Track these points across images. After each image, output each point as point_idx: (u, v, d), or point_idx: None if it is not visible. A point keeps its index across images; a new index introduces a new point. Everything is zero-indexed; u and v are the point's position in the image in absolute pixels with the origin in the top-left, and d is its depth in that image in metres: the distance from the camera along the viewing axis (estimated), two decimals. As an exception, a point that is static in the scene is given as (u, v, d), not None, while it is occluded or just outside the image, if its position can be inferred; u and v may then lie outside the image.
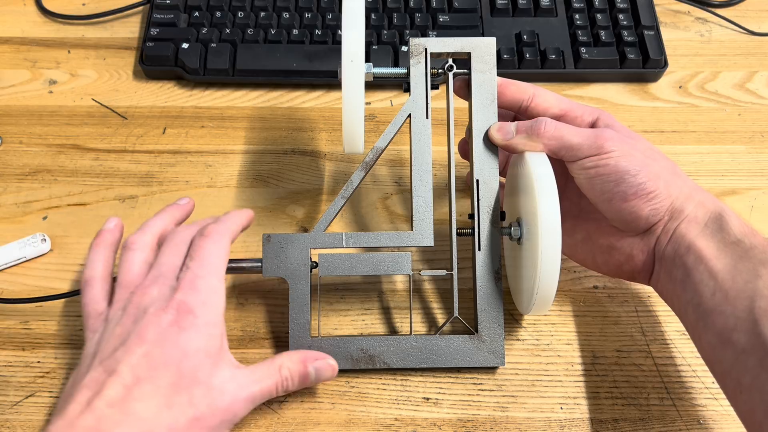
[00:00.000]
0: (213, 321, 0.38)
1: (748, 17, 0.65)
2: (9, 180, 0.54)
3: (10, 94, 0.59)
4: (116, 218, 0.44)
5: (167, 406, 0.35)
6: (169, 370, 0.35)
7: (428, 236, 0.43)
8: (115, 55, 0.61)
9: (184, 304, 0.37)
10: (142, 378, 0.35)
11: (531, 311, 0.42)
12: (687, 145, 0.56)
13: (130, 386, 0.34)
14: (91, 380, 0.35)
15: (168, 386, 0.35)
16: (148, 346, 0.36)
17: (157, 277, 0.39)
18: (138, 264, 0.40)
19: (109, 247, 0.42)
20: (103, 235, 0.43)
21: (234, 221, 0.43)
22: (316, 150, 0.56)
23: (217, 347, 0.38)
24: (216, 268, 0.39)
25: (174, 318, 0.37)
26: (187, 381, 0.36)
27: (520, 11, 0.62)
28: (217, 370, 0.37)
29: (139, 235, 0.42)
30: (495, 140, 0.43)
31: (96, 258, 0.42)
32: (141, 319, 0.37)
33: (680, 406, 0.44)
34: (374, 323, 0.47)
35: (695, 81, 0.61)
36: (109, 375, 0.35)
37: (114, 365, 0.35)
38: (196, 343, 0.37)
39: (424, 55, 0.44)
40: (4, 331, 0.46)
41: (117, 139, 0.56)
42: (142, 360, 0.35)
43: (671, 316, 0.47)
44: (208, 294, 0.38)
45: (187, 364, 0.36)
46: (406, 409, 0.44)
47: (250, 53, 0.59)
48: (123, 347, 0.36)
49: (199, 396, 0.36)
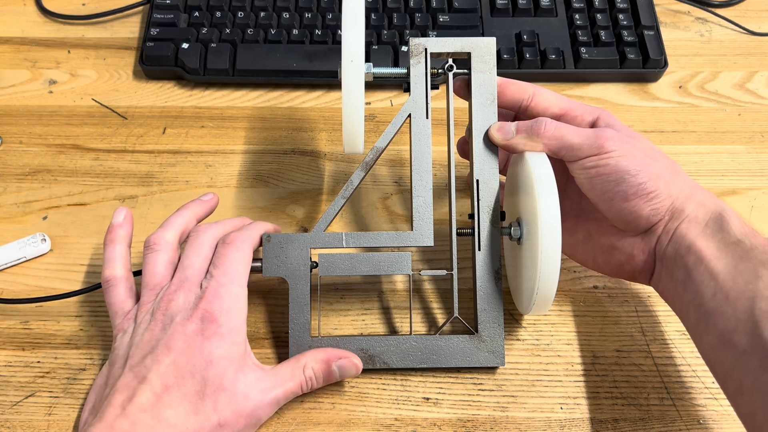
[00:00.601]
0: (236, 328, 0.39)
1: (748, 17, 0.65)
2: (9, 180, 0.54)
3: (10, 94, 0.59)
4: (124, 209, 0.44)
5: (194, 413, 0.37)
6: (194, 378, 0.37)
7: (428, 236, 0.43)
8: (115, 55, 0.61)
9: (208, 313, 0.39)
10: (170, 386, 0.37)
11: (531, 311, 0.42)
12: (687, 145, 0.56)
13: (159, 394, 0.36)
14: (123, 385, 0.37)
15: (194, 393, 0.37)
16: (175, 355, 0.37)
17: (182, 282, 0.40)
18: (162, 265, 0.42)
19: (122, 242, 0.43)
20: (114, 231, 0.43)
21: (257, 230, 0.43)
22: (316, 150, 0.56)
23: (241, 353, 0.39)
24: (238, 276, 0.40)
25: (199, 327, 0.38)
26: (211, 388, 0.38)
27: (520, 11, 0.62)
28: (241, 375, 0.39)
29: (161, 233, 0.42)
30: (495, 140, 0.43)
31: (113, 256, 0.43)
32: (168, 327, 0.38)
33: (680, 406, 0.44)
34: (374, 323, 0.47)
35: (695, 81, 0.61)
36: (139, 382, 0.37)
37: (144, 372, 0.37)
38: (220, 351, 0.38)
39: (424, 55, 0.44)
40: (4, 331, 0.46)
41: (117, 139, 0.56)
42: (170, 368, 0.37)
43: (671, 316, 0.47)
44: (231, 302, 0.39)
45: (212, 372, 0.38)
46: (406, 409, 0.44)
47: (250, 53, 0.59)
48: (152, 355, 0.38)
49: (224, 402, 0.38)
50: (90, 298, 0.47)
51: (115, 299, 0.42)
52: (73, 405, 0.43)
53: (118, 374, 0.38)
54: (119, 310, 0.41)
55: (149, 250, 0.42)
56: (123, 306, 0.41)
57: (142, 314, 0.40)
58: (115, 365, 0.39)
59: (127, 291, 0.42)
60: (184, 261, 0.41)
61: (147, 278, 0.41)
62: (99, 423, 0.35)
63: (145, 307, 0.40)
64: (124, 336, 0.40)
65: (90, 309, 0.47)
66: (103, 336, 0.46)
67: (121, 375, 0.38)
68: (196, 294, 0.40)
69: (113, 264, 0.42)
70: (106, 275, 0.42)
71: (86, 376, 0.44)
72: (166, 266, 0.42)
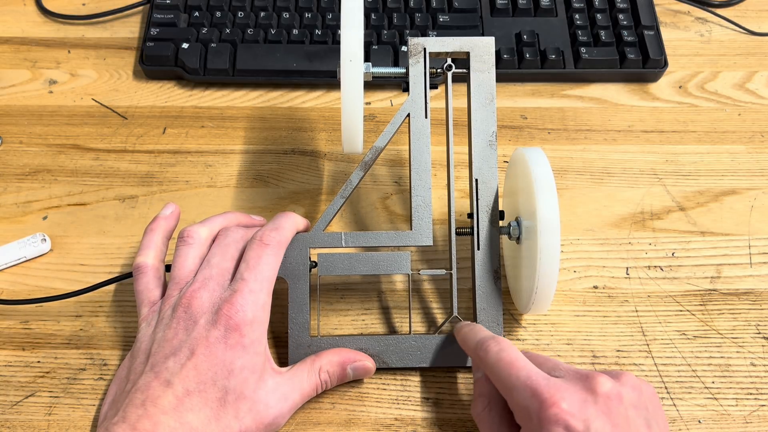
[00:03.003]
0: (258, 338, 0.39)
1: (748, 17, 0.65)
2: (9, 180, 0.54)
3: (10, 94, 0.59)
4: (174, 205, 0.45)
5: (215, 419, 0.37)
6: (216, 386, 0.37)
7: (427, 236, 0.43)
8: (115, 55, 0.62)
9: (233, 323, 0.38)
10: (191, 391, 0.37)
11: (530, 310, 0.42)
12: (687, 145, 0.56)
13: (181, 397, 0.36)
14: (145, 385, 0.37)
15: (215, 400, 0.37)
16: (197, 360, 0.37)
17: (206, 281, 0.40)
18: (192, 259, 0.41)
19: (162, 233, 0.44)
20: (158, 222, 0.44)
21: (291, 230, 0.42)
22: (316, 150, 0.56)
23: (262, 362, 0.39)
24: (269, 282, 0.40)
25: (222, 334, 0.38)
26: (232, 396, 0.38)
27: (520, 11, 0.62)
28: (261, 383, 0.39)
29: (197, 228, 0.43)
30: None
31: (149, 244, 0.43)
32: (192, 330, 0.38)
33: (680, 406, 0.44)
34: (374, 323, 0.47)
35: (695, 81, 0.61)
36: (161, 384, 0.36)
37: (167, 376, 0.37)
38: (242, 361, 0.38)
39: (423, 55, 0.44)
40: (4, 331, 0.46)
41: (117, 139, 0.56)
42: (192, 373, 0.37)
43: (671, 315, 0.47)
44: (256, 311, 0.39)
45: (233, 381, 0.38)
46: (406, 409, 0.44)
47: (250, 53, 0.59)
48: (174, 358, 0.37)
49: (244, 410, 0.38)
50: (90, 298, 0.47)
51: (143, 287, 0.42)
52: (73, 405, 0.43)
53: (140, 370, 0.38)
54: (145, 299, 0.41)
55: (182, 242, 0.42)
56: (150, 296, 0.41)
57: (165, 308, 0.40)
58: (137, 360, 0.39)
59: (155, 280, 0.42)
60: (211, 259, 0.41)
61: (175, 271, 0.41)
62: (122, 423, 0.35)
63: (168, 301, 0.40)
64: (147, 328, 0.40)
65: (90, 309, 0.47)
66: (103, 336, 0.46)
67: (142, 373, 0.38)
68: (221, 294, 0.39)
69: (147, 252, 0.42)
70: (138, 262, 0.42)
71: (86, 376, 0.44)
72: (195, 261, 0.41)
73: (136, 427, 0.35)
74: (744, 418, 0.43)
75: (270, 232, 0.41)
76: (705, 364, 0.45)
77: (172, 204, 0.45)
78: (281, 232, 0.42)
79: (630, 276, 0.49)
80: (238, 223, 0.45)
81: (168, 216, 0.44)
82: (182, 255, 0.42)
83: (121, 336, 0.46)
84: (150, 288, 0.42)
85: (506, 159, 0.55)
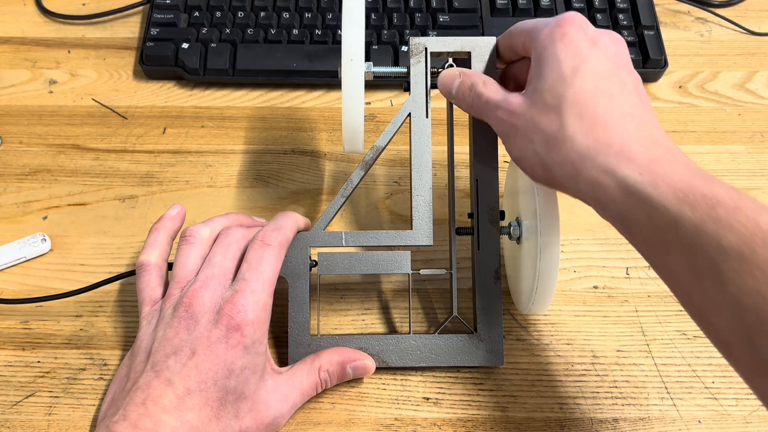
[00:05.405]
0: (259, 338, 0.39)
1: (748, 17, 0.65)
2: (9, 180, 0.54)
3: (10, 94, 0.59)
4: (180, 206, 0.45)
5: (216, 418, 0.37)
6: (216, 386, 0.37)
7: (427, 235, 0.43)
8: (115, 55, 0.62)
9: (234, 321, 0.38)
10: (192, 390, 0.37)
11: (530, 310, 0.42)
12: (687, 145, 0.56)
13: (182, 397, 0.36)
14: (145, 384, 0.37)
15: (216, 399, 0.37)
16: (198, 360, 0.37)
17: (207, 280, 0.40)
18: (193, 258, 0.41)
19: (167, 233, 0.44)
20: (163, 221, 0.44)
21: (292, 230, 0.43)
22: (316, 150, 0.56)
23: (262, 362, 0.39)
24: (271, 283, 0.40)
25: (224, 334, 0.38)
26: (233, 396, 0.38)
27: (520, 11, 0.62)
28: (261, 383, 0.39)
29: (199, 227, 0.43)
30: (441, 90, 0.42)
31: (153, 243, 0.43)
32: (194, 330, 0.38)
33: (680, 406, 0.44)
34: (374, 323, 0.47)
35: (695, 81, 0.61)
36: (162, 383, 0.36)
37: (168, 375, 0.37)
38: (243, 361, 0.38)
39: (424, 55, 0.44)
40: (4, 331, 0.46)
41: (117, 139, 0.56)
42: (193, 372, 0.37)
43: (671, 315, 0.47)
44: (257, 311, 0.39)
45: (233, 381, 0.38)
46: (406, 409, 0.44)
47: (250, 53, 0.59)
48: (175, 357, 0.37)
49: (245, 410, 0.38)
50: (90, 298, 0.47)
51: (144, 285, 0.42)
52: (73, 405, 0.43)
53: (141, 369, 0.38)
54: (147, 297, 0.41)
55: (185, 241, 0.42)
56: (151, 294, 0.41)
57: (166, 307, 0.40)
58: (137, 358, 0.39)
59: (158, 279, 0.42)
60: (212, 258, 0.41)
61: (177, 270, 0.41)
62: (123, 421, 0.35)
63: (170, 300, 0.40)
64: (148, 326, 0.40)
65: (90, 309, 0.47)
66: (103, 336, 0.46)
67: (143, 371, 0.37)
68: (222, 294, 0.39)
69: (150, 251, 0.43)
70: (141, 260, 0.42)
71: (86, 376, 0.44)
72: (197, 261, 0.41)
73: (137, 426, 0.35)
74: (744, 418, 0.43)
75: (271, 232, 0.41)
76: (705, 364, 0.45)
77: (178, 205, 0.45)
78: (282, 232, 0.41)
79: (630, 276, 0.49)
80: (240, 224, 0.45)
81: (174, 216, 0.45)
82: (184, 254, 0.42)
83: (121, 336, 0.46)
84: (152, 286, 0.42)
85: (506, 159, 0.55)
